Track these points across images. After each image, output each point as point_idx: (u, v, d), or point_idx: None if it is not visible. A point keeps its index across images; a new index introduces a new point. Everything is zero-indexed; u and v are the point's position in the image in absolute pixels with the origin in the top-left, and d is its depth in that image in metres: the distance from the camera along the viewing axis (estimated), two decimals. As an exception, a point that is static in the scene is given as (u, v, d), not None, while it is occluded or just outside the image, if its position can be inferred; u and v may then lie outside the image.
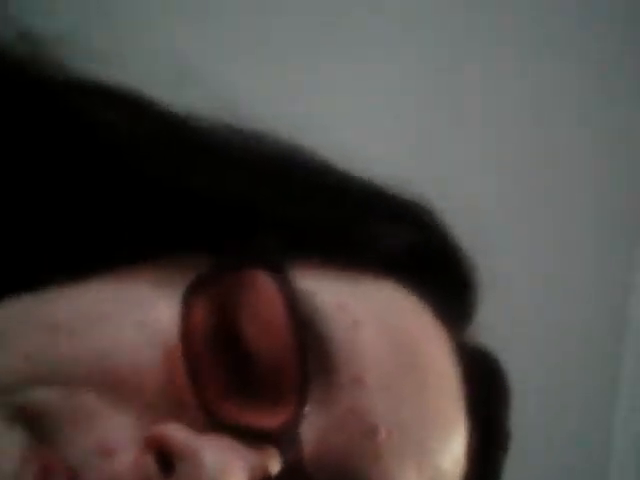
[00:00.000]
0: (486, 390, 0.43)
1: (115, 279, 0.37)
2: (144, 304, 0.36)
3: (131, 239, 0.38)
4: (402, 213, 0.42)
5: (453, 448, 0.39)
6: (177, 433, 0.33)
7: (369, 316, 0.38)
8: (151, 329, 0.35)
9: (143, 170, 0.39)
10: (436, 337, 0.41)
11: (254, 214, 0.39)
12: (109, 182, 0.38)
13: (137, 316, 0.35)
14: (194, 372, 0.34)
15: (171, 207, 0.38)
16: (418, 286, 0.41)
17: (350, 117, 0.96)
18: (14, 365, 0.33)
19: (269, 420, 0.34)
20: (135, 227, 0.38)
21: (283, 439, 0.34)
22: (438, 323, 0.41)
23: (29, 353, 0.34)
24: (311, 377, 0.35)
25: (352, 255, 0.40)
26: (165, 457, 0.32)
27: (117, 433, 0.33)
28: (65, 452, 0.32)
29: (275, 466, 0.33)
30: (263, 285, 0.36)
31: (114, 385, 0.33)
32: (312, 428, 0.35)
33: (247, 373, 0.35)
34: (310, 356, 0.35)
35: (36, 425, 0.32)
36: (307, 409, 0.34)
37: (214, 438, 0.33)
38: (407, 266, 0.41)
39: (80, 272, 0.37)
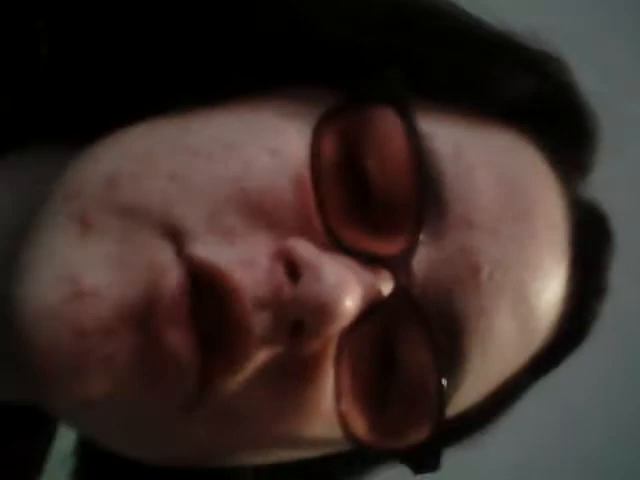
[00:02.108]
0: (592, 246, 0.44)
1: (244, 109, 0.39)
2: (276, 132, 0.38)
3: (258, 69, 0.40)
4: (530, 60, 0.42)
5: (550, 294, 0.41)
6: (304, 248, 0.35)
7: (484, 162, 0.39)
8: (283, 156, 0.37)
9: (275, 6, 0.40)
10: (550, 189, 0.42)
11: (381, 51, 0.40)
12: (242, 13, 0.40)
13: (270, 143, 0.37)
14: (321, 198, 0.36)
15: (300, 40, 0.40)
16: (539, 135, 0.42)
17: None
18: (160, 184, 0.36)
19: (386, 247, 0.36)
20: (262, 57, 0.40)
21: (397, 265, 0.36)
22: (554, 175, 0.42)
23: (174, 174, 0.36)
24: (426, 211, 0.37)
25: (476, 99, 0.40)
26: (293, 268, 0.35)
27: (255, 247, 0.36)
28: (212, 261, 0.35)
29: (387, 287, 0.36)
30: (388, 120, 0.37)
31: (251, 205, 0.36)
32: (423, 260, 0.37)
33: (369, 203, 0.37)
34: (425, 194, 0.37)
35: (183, 240, 0.35)
36: (421, 240, 0.36)
37: (335, 256, 0.36)
38: (530, 114, 0.42)
39: (213, 99, 0.39)
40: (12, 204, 0.40)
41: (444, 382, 0.37)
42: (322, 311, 0.34)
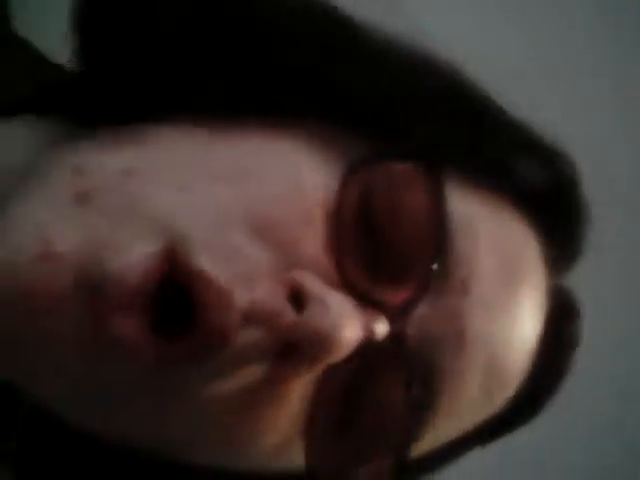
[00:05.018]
0: (560, 332, 0.47)
1: (266, 137, 0.41)
2: (294, 166, 0.40)
3: (285, 100, 0.42)
4: (546, 154, 0.46)
5: (517, 370, 0.44)
6: (313, 280, 0.38)
7: (488, 234, 0.42)
8: (299, 190, 0.39)
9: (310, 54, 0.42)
10: (538, 273, 0.45)
11: (416, 117, 0.42)
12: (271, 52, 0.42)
13: (287, 175, 0.39)
14: (338, 240, 0.39)
15: (338, 87, 0.42)
16: (539, 224, 0.45)
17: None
18: (174, 193, 0.38)
19: (389, 295, 0.39)
20: (291, 90, 0.42)
21: (397, 314, 0.39)
22: (543, 261, 0.45)
23: (190, 187, 0.38)
24: (434, 272, 0.39)
25: (491, 178, 0.43)
26: (299, 297, 0.37)
27: (259, 269, 0.37)
28: (210, 275, 0.36)
29: (383, 330, 0.38)
30: (416, 179, 0.40)
31: (260, 230, 0.38)
32: (418, 314, 0.39)
33: (380, 251, 0.39)
34: (438, 255, 0.39)
35: (180, 248, 0.36)
36: (424, 296, 0.39)
37: (341, 295, 0.38)
38: (536, 204, 0.45)
39: (237, 119, 0.41)
40: (22, 156, 0.42)
41: (416, 426, 0.40)
42: (324, 341, 0.36)
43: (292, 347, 0.37)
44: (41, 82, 0.46)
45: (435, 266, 0.39)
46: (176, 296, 0.36)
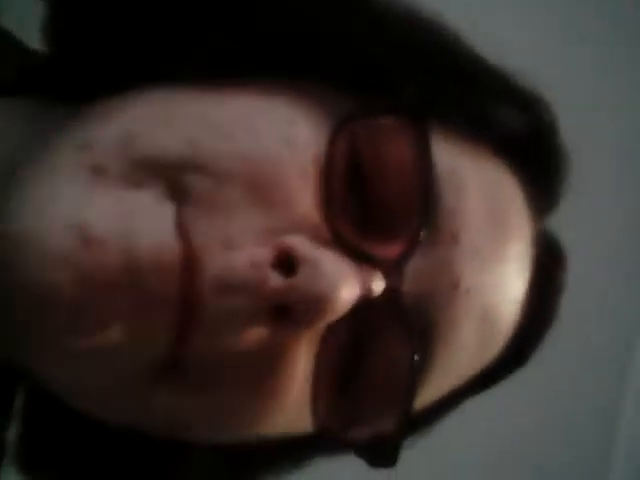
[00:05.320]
0: (547, 277, 0.48)
1: (259, 93, 0.41)
2: (289, 123, 0.39)
3: (276, 57, 0.41)
4: (525, 100, 0.46)
5: (509, 317, 0.44)
6: (306, 243, 0.38)
7: (474, 183, 0.42)
8: (295, 147, 0.39)
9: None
10: (523, 219, 0.45)
11: (401, 72, 0.42)
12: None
13: (285, 133, 0.39)
14: (329, 196, 0.38)
15: (329, 45, 0.42)
16: (520, 168, 0.45)
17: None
18: (179, 146, 0.38)
19: (382, 250, 0.39)
20: (283, 48, 0.42)
21: (391, 268, 0.39)
22: (528, 206, 0.46)
23: (193, 140, 0.38)
24: (424, 224, 0.39)
25: (474, 128, 0.43)
26: (288, 262, 0.37)
27: (246, 231, 0.37)
28: (194, 236, 0.37)
29: (379, 286, 0.39)
30: (403, 133, 0.40)
31: (256, 186, 0.38)
32: (411, 268, 0.40)
33: (370, 206, 0.39)
34: (427, 207, 0.39)
35: (183, 205, 0.37)
36: (416, 249, 0.39)
37: (335, 253, 0.38)
38: (516, 149, 0.45)
39: (226, 83, 0.41)
40: (15, 138, 0.42)
41: (417, 379, 0.40)
42: (320, 302, 0.36)
43: (287, 309, 0.37)
44: (18, 66, 0.46)
45: (424, 219, 0.39)
46: None
